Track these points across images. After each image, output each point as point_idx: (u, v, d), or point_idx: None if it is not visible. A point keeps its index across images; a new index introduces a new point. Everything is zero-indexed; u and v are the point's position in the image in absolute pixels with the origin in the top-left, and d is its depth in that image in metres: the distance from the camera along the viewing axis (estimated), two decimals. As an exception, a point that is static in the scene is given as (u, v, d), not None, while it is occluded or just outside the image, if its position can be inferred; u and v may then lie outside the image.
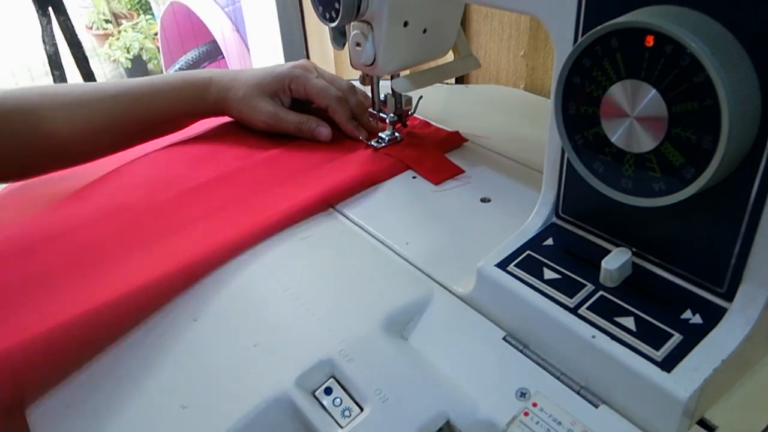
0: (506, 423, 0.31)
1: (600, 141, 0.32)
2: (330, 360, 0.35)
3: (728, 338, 0.30)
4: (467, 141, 0.60)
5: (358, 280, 0.42)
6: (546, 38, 0.76)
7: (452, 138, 0.60)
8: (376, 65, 0.52)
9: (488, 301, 0.38)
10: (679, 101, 0.27)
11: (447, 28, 0.55)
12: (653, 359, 0.30)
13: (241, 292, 0.42)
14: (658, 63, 0.27)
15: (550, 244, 0.38)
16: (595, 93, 0.31)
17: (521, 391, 0.33)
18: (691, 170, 0.28)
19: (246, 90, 0.60)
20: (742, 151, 0.28)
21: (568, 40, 0.34)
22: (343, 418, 0.33)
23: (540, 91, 0.79)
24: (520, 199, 0.49)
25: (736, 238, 0.30)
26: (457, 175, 0.54)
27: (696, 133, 0.27)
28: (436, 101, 0.70)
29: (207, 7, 2.23)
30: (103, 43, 3.42)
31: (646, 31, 0.27)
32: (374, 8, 0.48)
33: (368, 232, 0.47)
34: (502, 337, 0.36)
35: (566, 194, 0.38)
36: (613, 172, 0.32)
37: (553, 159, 0.38)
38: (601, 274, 0.34)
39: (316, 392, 0.34)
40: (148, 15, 3.36)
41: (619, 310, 0.33)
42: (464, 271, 0.40)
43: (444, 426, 0.32)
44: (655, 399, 0.29)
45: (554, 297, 0.34)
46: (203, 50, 2.41)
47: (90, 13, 3.49)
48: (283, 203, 0.49)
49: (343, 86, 0.62)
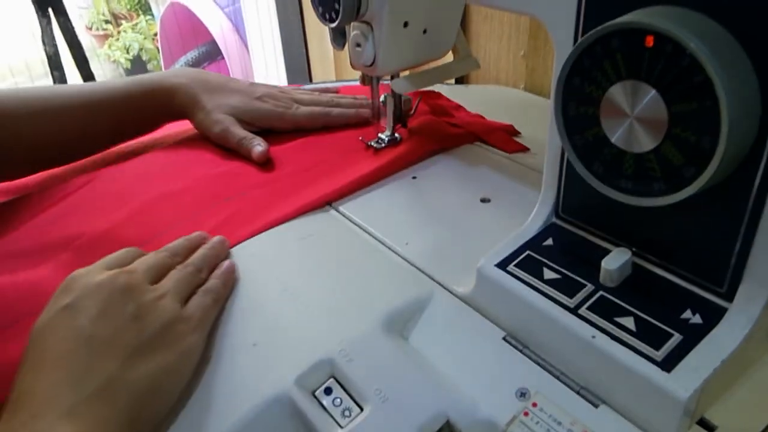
0: (506, 423, 0.31)
1: (600, 141, 0.32)
2: (330, 360, 0.35)
3: (728, 338, 0.30)
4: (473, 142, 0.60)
5: (358, 279, 0.42)
6: (546, 38, 0.76)
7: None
8: (376, 65, 0.52)
9: (488, 301, 0.38)
10: (679, 101, 0.27)
11: (447, 29, 0.55)
12: (653, 359, 0.30)
13: (241, 291, 0.42)
14: (658, 63, 0.27)
15: (550, 244, 0.38)
16: (595, 93, 0.31)
17: (521, 391, 0.33)
18: (690, 170, 0.28)
19: (212, 106, 0.60)
20: (741, 151, 0.28)
21: (568, 41, 0.34)
22: (343, 418, 0.33)
23: (540, 91, 0.79)
24: (520, 199, 0.49)
25: (736, 237, 0.30)
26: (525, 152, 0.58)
27: (696, 133, 0.27)
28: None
29: (207, 8, 2.24)
30: (103, 43, 3.42)
31: (646, 31, 0.27)
32: (374, 8, 0.48)
33: (368, 232, 0.47)
34: (502, 337, 0.36)
35: (566, 194, 0.38)
36: (613, 172, 0.32)
37: (553, 159, 0.38)
38: (601, 274, 0.34)
39: (316, 392, 0.34)
40: (148, 15, 3.36)
41: (619, 310, 0.33)
42: (464, 271, 0.40)
43: (444, 426, 0.32)
44: (655, 399, 0.29)
45: (554, 297, 0.34)
46: (203, 50, 2.42)
47: (89, 13, 3.49)
48: (282, 202, 0.49)
49: (306, 99, 0.64)
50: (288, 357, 0.36)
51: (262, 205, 0.50)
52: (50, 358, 0.32)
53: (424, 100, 0.67)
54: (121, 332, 0.33)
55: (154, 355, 0.33)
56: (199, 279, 0.40)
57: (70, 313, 0.33)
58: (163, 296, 0.36)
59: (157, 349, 0.34)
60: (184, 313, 0.37)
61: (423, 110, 0.63)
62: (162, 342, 0.34)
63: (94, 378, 0.31)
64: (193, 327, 0.36)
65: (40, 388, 0.30)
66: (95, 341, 0.32)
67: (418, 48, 0.54)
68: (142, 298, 0.35)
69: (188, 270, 0.40)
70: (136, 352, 0.33)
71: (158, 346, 0.34)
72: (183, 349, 0.35)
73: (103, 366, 0.32)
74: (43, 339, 0.33)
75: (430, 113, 0.63)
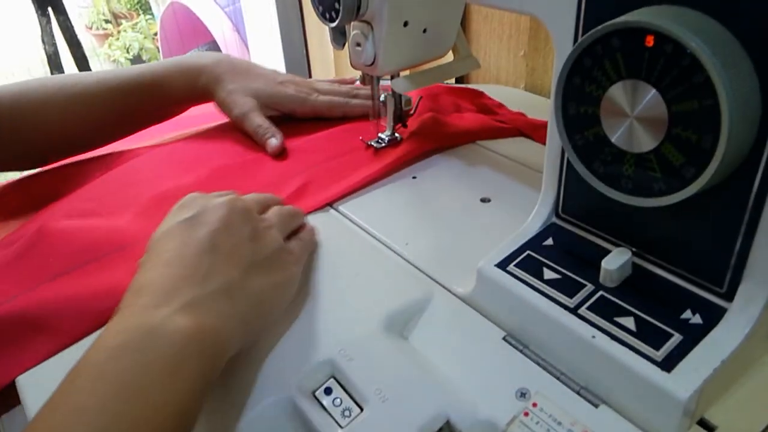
0: (506, 423, 0.31)
1: (600, 141, 0.32)
2: (330, 360, 0.35)
3: (728, 338, 0.30)
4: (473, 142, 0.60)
5: (357, 279, 0.42)
6: (546, 38, 0.76)
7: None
8: (376, 65, 0.52)
9: (488, 301, 0.38)
10: (679, 101, 0.27)
11: (447, 28, 0.55)
12: (653, 359, 0.30)
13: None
14: (659, 63, 0.27)
15: (550, 244, 0.38)
16: (595, 93, 0.31)
17: (521, 391, 0.33)
18: (691, 170, 0.28)
19: (236, 87, 0.61)
20: (742, 151, 0.28)
21: (568, 40, 0.34)
22: (343, 418, 0.33)
23: (540, 91, 0.79)
24: (520, 199, 0.49)
25: (736, 238, 0.30)
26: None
27: (696, 132, 0.27)
28: (436, 101, 0.70)
29: (207, 7, 2.23)
30: (103, 43, 3.42)
31: (646, 30, 0.27)
32: (374, 8, 0.48)
33: (368, 232, 0.47)
34: (502, 337, 0.36)
35: (566, 194, 0.38)
36: (613, 172, 0.32)
37: (553, 159, 0.38)
38: (601, 274, 0.34)
39: (316, 392, 0.34)
40: (148, 15, 3.36)
41: (619, 310, 0.33)
42: (464, 271, 0.40)
43: (444, 426, 0.32)
44: (655, 399, 0.29)
45: (554, 297, 0.34)
46: (203, 50, 2.42)
47: (89, 12, 3.49)
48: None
49: (325, 87, 0.65)
50: (288, 357, 0.36)
51: None
52: (172, 259, 0.34)
53: (468, 99, 0.68)
54: (239, 247, 0.36)
55: (266, 272, 0.36)
56: (294, 224, 0.44)
57: (192, 225, 0.36)
58: (271, 227, 0.40)
59: (268, 268, 0.37)
60: (287, 246, 0.40)
61: (423, 110, 0.63)
62: (271, 264, 0.37)
63: (216, 279, 0.33)
64: (295, 260, 0.40)
65: (162, 283, 0.32)
66: (218, 250, 0.35)
67: (418, 47, 0.54)
68: (255, 223, 0.38)
69: (288, 210, 0.44)
70: (252, 267, 0.36)
71: (268, 266, 0.37)
72: (288, 275, 0.38)
73: (224, 271, 0.34)
74: (165, 244, 0.35)
75: (430, 111, 0.63)
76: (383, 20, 0.48)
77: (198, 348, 0.30)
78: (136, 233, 0.46)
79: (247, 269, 0.35)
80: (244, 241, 0.36)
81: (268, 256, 0.37)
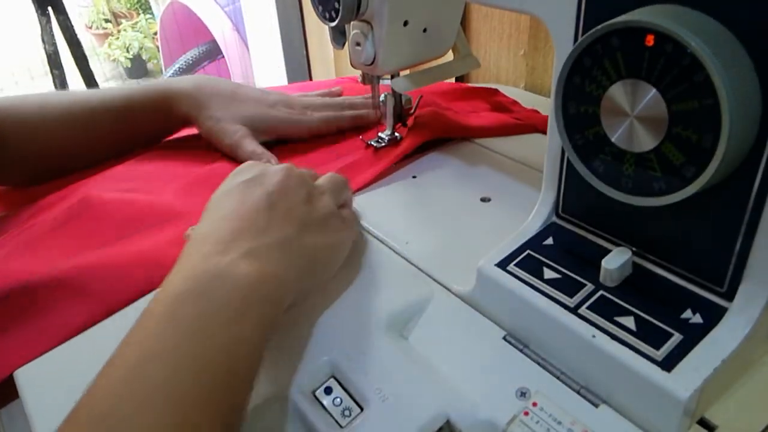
0: (506, 423, 0.31)
1: (600, 140, 0.32)
2: (330, 360, 0.35)
3: (728, 338, 0.30)
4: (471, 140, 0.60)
5: (358, 279, 0.42)
6: (546, 38, 0.76)
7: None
8: (376, 65, 0.52)
9: (488, 300, 0.38)
10: (680, 100, 0.27)
11: (447, 28, 0.55)
12: (653, 359, 0.30)
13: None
14: (659, 62, 0.27)
15: (550, 244, 0.38)
16: (596, 92, 0.31)
17: (521, 391, 0.33)
18: (691, 169, 0.28)
19: (223, 114, 0.58)
20: (742, 151, 0.28)
21: (568, 40, 0.34)
22: (343, 418, 0.33)
23: (540, 90, 0.79)
24: (520, 199, 0.49)
25: (736, 237, 0.30)
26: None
27: (696, 132, 0.27)
28: (436, 101, 0.70)
29: (207, 7, 2.23)
30: (103, 42, 3.42)
31: (646, 30, 0.27)
32: (374, 7, 0.48)
33: (368, 232, 0.47)
34: (502, 337, 0.36)
35: (566, 194, 0.38)
36: (613, 172, 0.32)
37: (553, 159, 0.38)
38: (601, 273, 0.34)
39: (316, 392, 0.34)
40: (148, 14, 3.36)
41: (619, 309, 0.33)
42: (464, 271, 0.40)
43: (444, 426, 0.32)
44: (655, 399, 0.29)
45: (554, 297, 0.34)
46: (203, 50, 2.41)
47: (89, 12, 3.49)
48: None
49: (317, 103, 0.63)
50: (288, 356, 0.36)
51: None
52: (232, 213, 0.35)
53: (483, 98, 0.68)
54: (296, 208, 0.38)
55: (320, 232, 0.38)
56: (345, 194, 0.45)
57: (249, 185, 0.38)
58: (324, 193, 0.41)
59: (322, 229, 0.38)
60: (340, 212, 0.41)
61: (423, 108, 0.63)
62: (325, 226, 0.39)
63: (274, 233, 0.35)
64: (347, 226, 0.42)
65: (222, 233, 0.34)
66: (275, 208, 0.36)
67: (418, 47, 0.54)
68: (310, 188, 0.40)
69: (341, 178, 0.45)
70: (306, 227, 0.37)
71: (323, 228, 0.38)
72: (341, 238, 0.40)
73: (282, 226, 0.36)
74: (225, 201, 0.37)
75: (430, 106, 0.63)
76: (383, 20, 0.48)
77: (262, 293, 0.31)
78: (182, 207, 0.47)
79: (301, 228, 0.37)
80: (300, 203, 0.38)
81: (322, 218, 0.39)
